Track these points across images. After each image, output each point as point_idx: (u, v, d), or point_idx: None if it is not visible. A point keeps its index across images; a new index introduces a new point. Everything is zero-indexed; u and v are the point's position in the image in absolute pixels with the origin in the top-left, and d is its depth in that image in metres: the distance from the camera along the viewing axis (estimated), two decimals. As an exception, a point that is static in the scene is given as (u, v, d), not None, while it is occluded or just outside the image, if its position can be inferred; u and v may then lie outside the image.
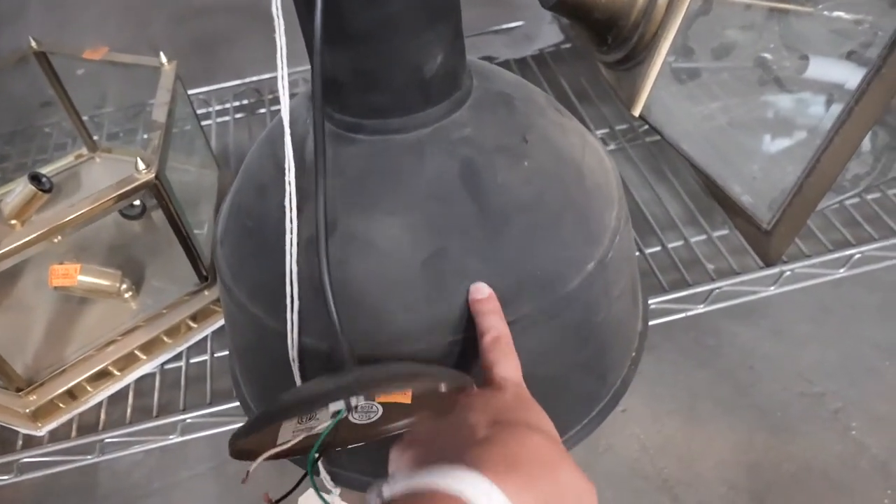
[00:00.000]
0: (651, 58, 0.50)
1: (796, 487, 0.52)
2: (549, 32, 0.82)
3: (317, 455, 0.32)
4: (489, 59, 0.81)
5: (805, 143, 0.51)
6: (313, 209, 0.35)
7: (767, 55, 0.53)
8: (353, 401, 0.30)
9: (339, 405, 0.30)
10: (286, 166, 0.36)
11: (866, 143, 0.59)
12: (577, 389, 0.45)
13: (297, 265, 0.36)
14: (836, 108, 0.48)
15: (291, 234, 0.36)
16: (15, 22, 1.22)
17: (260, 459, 0.31)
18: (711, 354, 0.61)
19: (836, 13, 0.53)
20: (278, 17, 0.35)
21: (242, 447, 0.31)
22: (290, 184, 0.36)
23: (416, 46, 0.35)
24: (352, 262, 0.37)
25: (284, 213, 0.36)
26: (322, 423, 0.31)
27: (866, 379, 0.58)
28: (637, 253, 0.60)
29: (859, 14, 0.53)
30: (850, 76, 0.49)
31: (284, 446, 0.31)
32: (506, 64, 0.81)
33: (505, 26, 0.84)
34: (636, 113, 0.53)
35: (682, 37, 0.49)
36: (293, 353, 0.38)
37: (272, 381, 0.44)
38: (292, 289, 0.37)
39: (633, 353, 0.49)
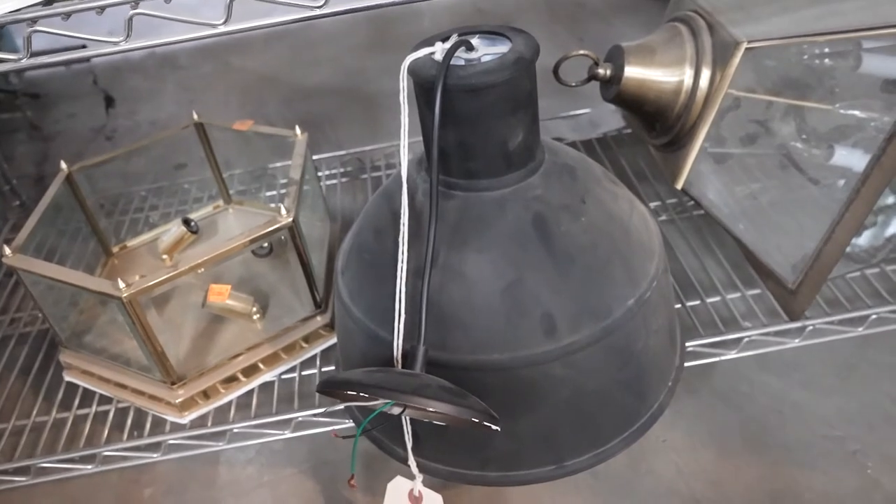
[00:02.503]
0: (690, 143, 0.61)
1: (814, 513, 0.60)
2: (611, 119, 0.94)
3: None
4: (558, 139, 0.95)
5: (822, 218, 0.61)
6: (420, 245, 0.48)
7: (791, 143, 0.64)
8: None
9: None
10: (402, 211, 0.48)
11: (885, 220, 0.69)
12: (620, 404, 0.55)
13: (405, 288, 0.48)
14: (847, 190, 0.59)
15: (403, 263, 0.48)
16: (153, 99, 1.43)
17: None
18: (745, 399, 0.69)
19: (850, 111, 0.64)
20: (404, 102, 0.49)
21: (323, 390, 0.45)
22: (404, 224, 0.48)
23: (502, 127, 0.48)
24: (447, 288, 0.49)
25: (397, 248, 0.48)
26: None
27: (883, 426, 0.65)
28: (679, 305, 0.70)
29: (872, 112, 0.64)
30: (864, 162, 0.59)
31: (352, 403, 0.45)
32: (573, 145, 0.93)
33: (573, 113, 0.98)
34: (679, 187, 0.64)
35: (716, 127, 0.60)
36: (397, 354, 0.49)
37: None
38: (400, 306, 0.49)
39: (670, 383, 0.59)
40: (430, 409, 0.41)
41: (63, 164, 0.78)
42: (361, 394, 0.43)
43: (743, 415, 0.68)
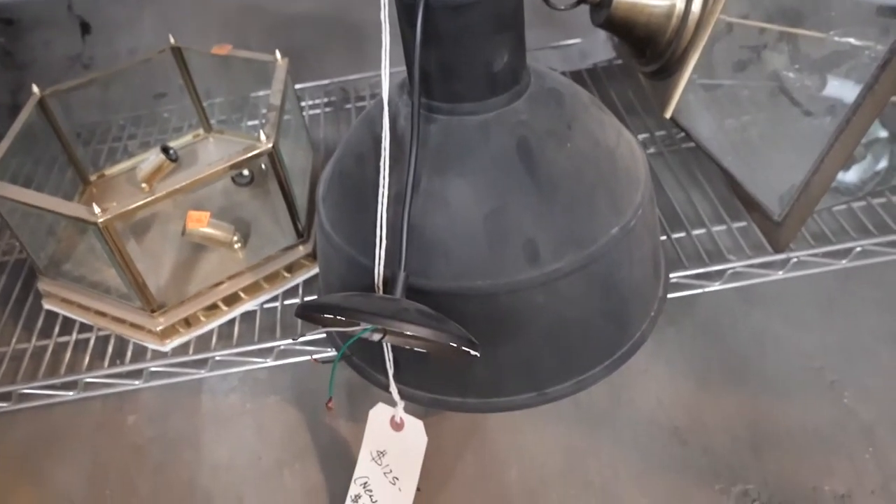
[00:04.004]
0: (681, 70, 0.60)
1: (790, 441, 0.61)
2: (601, 50, 0.92)
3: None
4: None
5: (810, 149, 0.60)
6: (402, 171, 0.47)
7: (781, 72, 0.62)
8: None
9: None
10: (383, 135, 0.47)
11: (873, 152, 0.68)
12: (601, 333, 0.54)
13: (386, 214, 0.47)
14: (836, 120, 0.58)
15: (384, 188, 0.47)
16: (131, 28, 1.38)
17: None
18: (727, 331, 0.70)
19: (845, 38, 0.62)
20: (385, 20, 0.47)
21: (303, 314, 0.44)
22: (385, 149, 0.47)
23: (486, 47, 0.46)
24: (429, 214, 0.48)
25: (379, 174, 0.47)
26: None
27: (862, 358, 0.66)
28: (664, 237, 0.69)
29: (867, 40, 0.62)
30: (855, 92, 0.58)
31: (331, 328, 0.44)
32: (562, 74, 0.91)
33: (562, 43, 0.96)
34: (668, 115, 0.62)
35: (707, 54, 0.58)
36: (378, 281, 0.49)
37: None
38: (381, 232, 0.48)
39: (653, 313, 0.59)
40: (409, 334, 0.41)
41: (35, 89, 0.75)
42: (340, 318, 0.43)
43: (724, 346, 0.69)
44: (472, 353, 0.44)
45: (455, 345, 0.42)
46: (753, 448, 0.61)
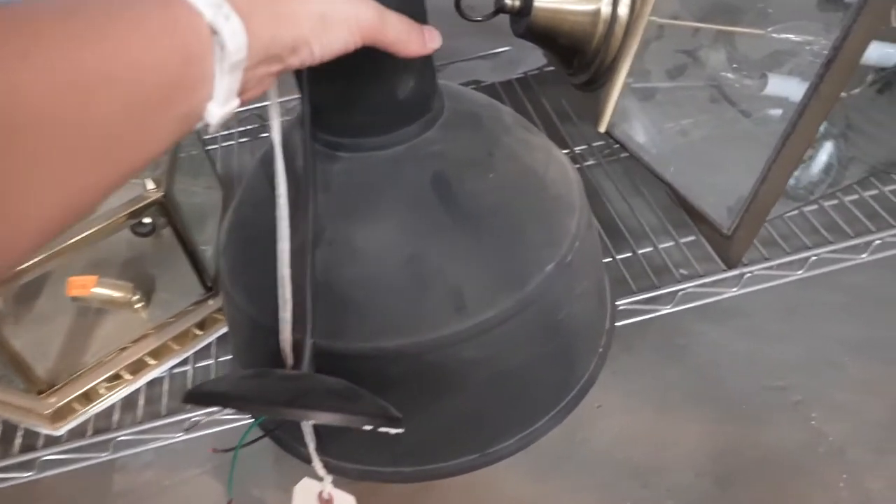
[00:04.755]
0: (612, 79, 0.54)
1: (758, 472, 0.56)
2: (532, 57, 0.87)
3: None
4: (476, 82, 0.87)
5: (757, 156, 0.55)
6: (301, 219, 0.40)
7: (722, 74, 0.57)
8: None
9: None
10: (277, 179, 0.40)
11: (822, 154, 0.64)
12: (546, 380, 0.49)
13: (289, 270, 0.41)
14: (783, 123, 0.53)
15: (283, 241, 0.41)
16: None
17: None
18: (683, 353, 0.65)
19: (784, 35, 0.58)
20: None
21: (192, 401, 0.36)
22: (280, 196, 0.41)
23: (389, 73, 0.40)
24: (337, 267, 0.42)
25: (276, 224, 0.41)
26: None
27: (827, 372, 0.62)
28: (609, 259, 0.64)
29: (808, 35, 0.58)
30: (801, 92, 0.53)
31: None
32: (491, 87, 0.86)
33: (492, 52, 0.90)
34: (602, 129, 0.57)
35: (639, 60, 0.53)
36: (284, 348, 0.42)
37: (266, 360, 0.48)
38: (283, 291, 0.41)
39: (601, 349, 0.53)
40: (312, 421, 0.35)
41: None
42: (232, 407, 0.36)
43: (682, 370, 0.64)
44: (393, 431, 0.37)
45: (371, 427, 0.36)
46: (719, 483, 0.56)
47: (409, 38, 0.34)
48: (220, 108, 0.25)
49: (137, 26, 0.22)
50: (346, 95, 0.41)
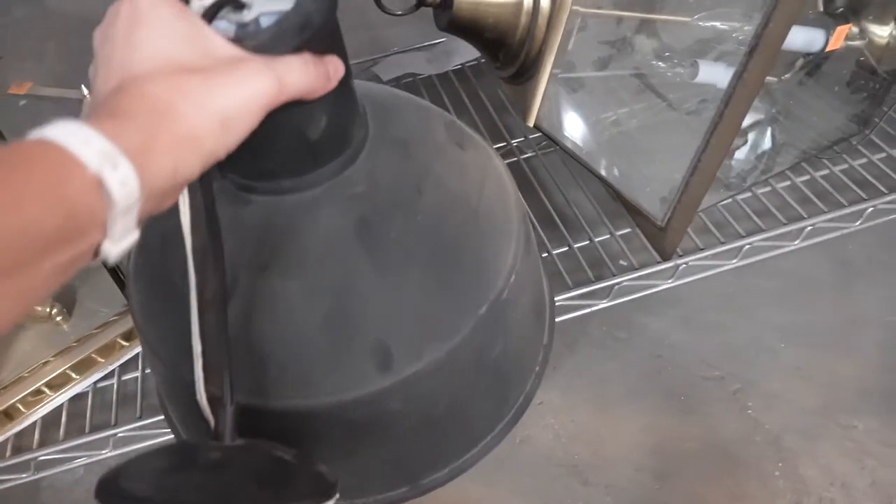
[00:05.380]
0: (538, 72, 0.53)
1: (696, 464, 0.56)
2: (468, 48, 0.85)
3: None
4: (413, 75, 0.85)
5: (687, 144, 0.55)
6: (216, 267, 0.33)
7: (650, 63, 0.57)
8: None
9: None
10: (182, 225, 0.33)
11: (753, 141, 0.64)
12: (477, 415, 0.46)
13: (200, 322, 0.34)
14: (710, 113, 0.53)
15: (195, 292, 0.33)
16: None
17: None
18: (623, 346, 0.65)
19: (710, 23, 0.57)
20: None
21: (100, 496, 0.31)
22: (187, 245, 0.33)
23: (297, 112, 0.33)
24: (254, 320, 0.38)
25: (186, 265, 0.34)
26: None
27: (763, 358, 0.62)
28: (545, 254, 0.63)
29: (733, 22, 0.57)
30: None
31: None
32: (429, 79, 0.84)
33: (427, 43, 0.88)
34: (530, 123, 0.56)
35: (564, 51, 0.52)
36: (205, 407, 0.35)
37: (185, 408, 0.44)
38: (197, 347, 0.34)
39: (537, 368, 0.51)
40: None
41: None
42: None
43: (621, 364, 0.63)
44: (329, 502, 0.35)
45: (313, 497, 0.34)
46: (659, 477, 0.56)
47: (311, 84, 0.31)
48: (116, 245, 0.23)
49: (14, 183, 0.20)
50: (252, 141, 0.35)
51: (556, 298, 0.59)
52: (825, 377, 0.60)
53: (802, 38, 0.58)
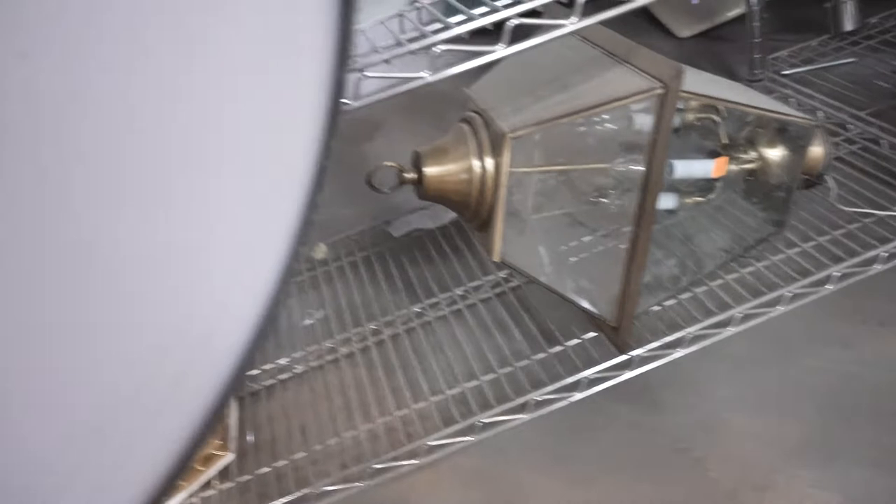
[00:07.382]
0: (493, 221, 0.71)
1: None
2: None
3: None
4: (419, 230, 1.04)
5: (614, 260, 0.71)
6: None
7: (580, 199, 0.74)
8: None
9: None
10: None
11: (674, 254, 0.79)
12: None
13: None
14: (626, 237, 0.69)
15: None
16: None
17: None
18: (602, 432, 0.77)
19: (629, 167, 0.74)
20: None
21: None
22: None
23: None
24: None
25: None
26: None
27: (720, 430, 0.74)
28: (526, 361, 0.78)
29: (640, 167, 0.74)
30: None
31: None
32: (431, 233, 1.03)
33: (428, 203, 1.08)
34: (496, 259, 0.73)
35: (510, 202, 0.70)
36: None
37: None
38: None
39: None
40: None
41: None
42: None
43: (599, 448, 0.75)
44: None
45: None
46: (639, 536, 0.67)
47: None
48: None
49: None
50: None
51: (537, 395, 0.73)
52: (767, 437, 0.71)
53: (700, 169, 0.75)
